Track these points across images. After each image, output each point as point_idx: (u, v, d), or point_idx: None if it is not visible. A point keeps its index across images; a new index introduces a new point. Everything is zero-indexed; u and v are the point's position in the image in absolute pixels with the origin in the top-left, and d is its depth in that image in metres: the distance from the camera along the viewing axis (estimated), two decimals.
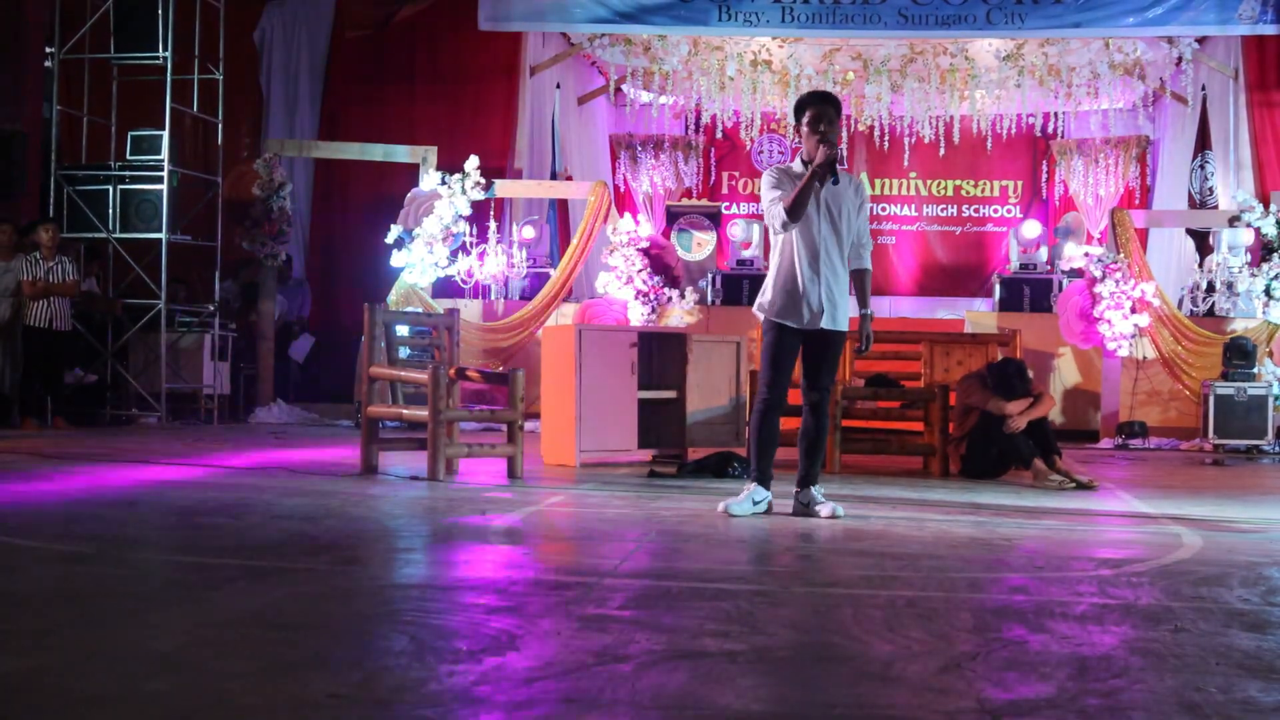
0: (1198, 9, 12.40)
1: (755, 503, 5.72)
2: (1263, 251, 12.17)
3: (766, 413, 5.75)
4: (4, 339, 11.08)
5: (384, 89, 14.65)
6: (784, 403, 5.79)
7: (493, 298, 12.98)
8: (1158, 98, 15.54)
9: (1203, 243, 13.38)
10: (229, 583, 3.83)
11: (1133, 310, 11.82)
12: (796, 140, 16.68)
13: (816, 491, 5.75)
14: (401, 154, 13.31)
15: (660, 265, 12.64)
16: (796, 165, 5.73)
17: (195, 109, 12.55)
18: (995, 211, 17.12)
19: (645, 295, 12.30)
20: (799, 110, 5.71)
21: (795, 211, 5.53)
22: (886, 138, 15.77)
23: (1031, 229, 13.55)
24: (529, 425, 8.57)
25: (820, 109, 5.62)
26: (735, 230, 13.82)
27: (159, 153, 11.83)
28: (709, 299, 12.96)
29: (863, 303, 5.77)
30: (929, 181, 17.16)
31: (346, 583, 3.88)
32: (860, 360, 9.79)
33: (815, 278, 5.61)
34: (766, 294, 5.76)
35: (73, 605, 3.43)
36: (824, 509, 5.64)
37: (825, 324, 5.64)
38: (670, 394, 8.58)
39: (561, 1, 13.07)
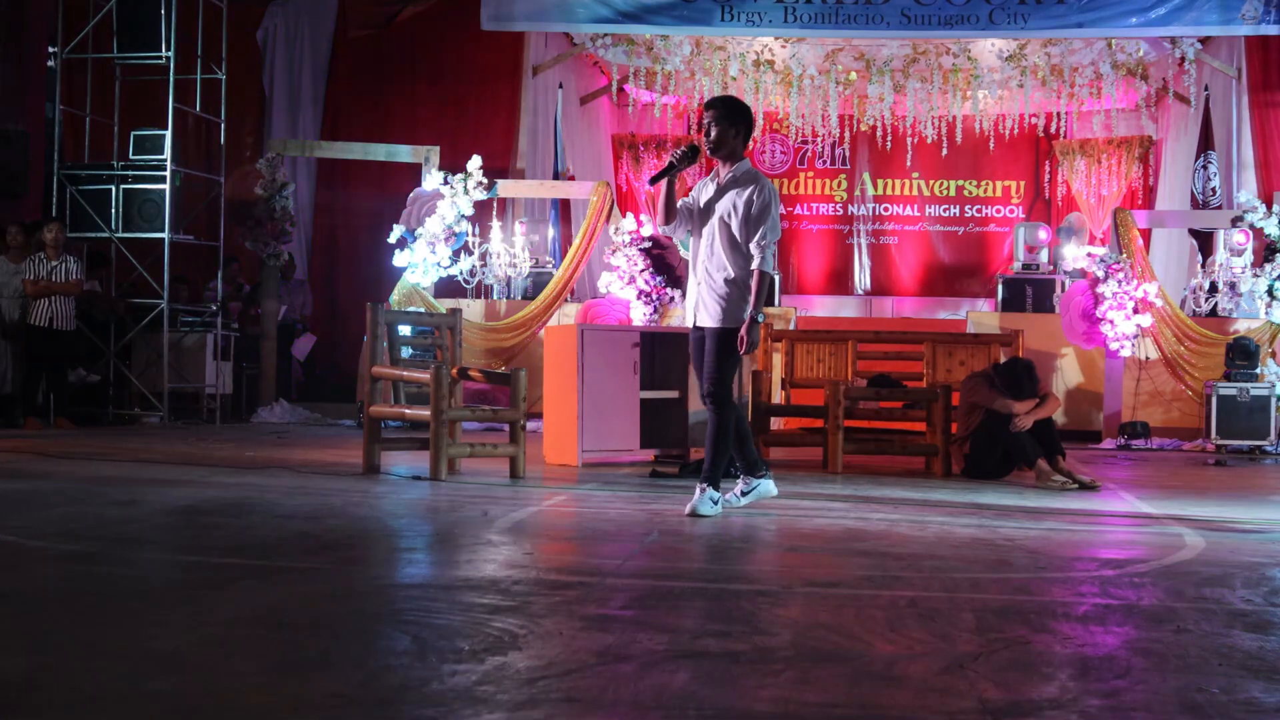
0: (1200, 9, 12.39)
1: (713, 501, 5.76)
2: (1265, 252, 12.15)
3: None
4: (10, 339, 11.10)
5: (386, 89, 14.66)
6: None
7: (495, 297, 12.98)
8: (1160, 98, 15.52)
9: (1205, 243, 13.36)
10: (231, 582, 3.84)
11: (1135, 310, 11.80)
12: (799, 141, 16.55)
13: (700, 489, 5.68)
14: (404, 154, 13.31)
15: (662, 265, 12.63)
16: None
17: (198, 109, 12.56)
18: (998, 212, 17.10)
19: (648, 295, 12.29)
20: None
21: (663, 214, 5.79)
22: (889, 138, 15.76)
23: (1034, 233, 13.53)
24: (531, 425, 8.57)
25: (705, 114, 5.85)
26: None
27: (162, 152, 11.83)
28: None
29: (754, 305, 5.65)
30: (931, 182, 17.14)
31: (349, 582, 3.89)
32: (863, 361, 9.80)
33: (694, 279, 5.88)
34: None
35: (73, 605, 3.44)
36: (691, 504, 5.63)
37: (701, 321, 5.82)
38: (673, 394, 8.57)
39: (564, 1, 13.06)
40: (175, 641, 2.99)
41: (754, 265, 5.66)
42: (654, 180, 5.79)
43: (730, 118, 5.79)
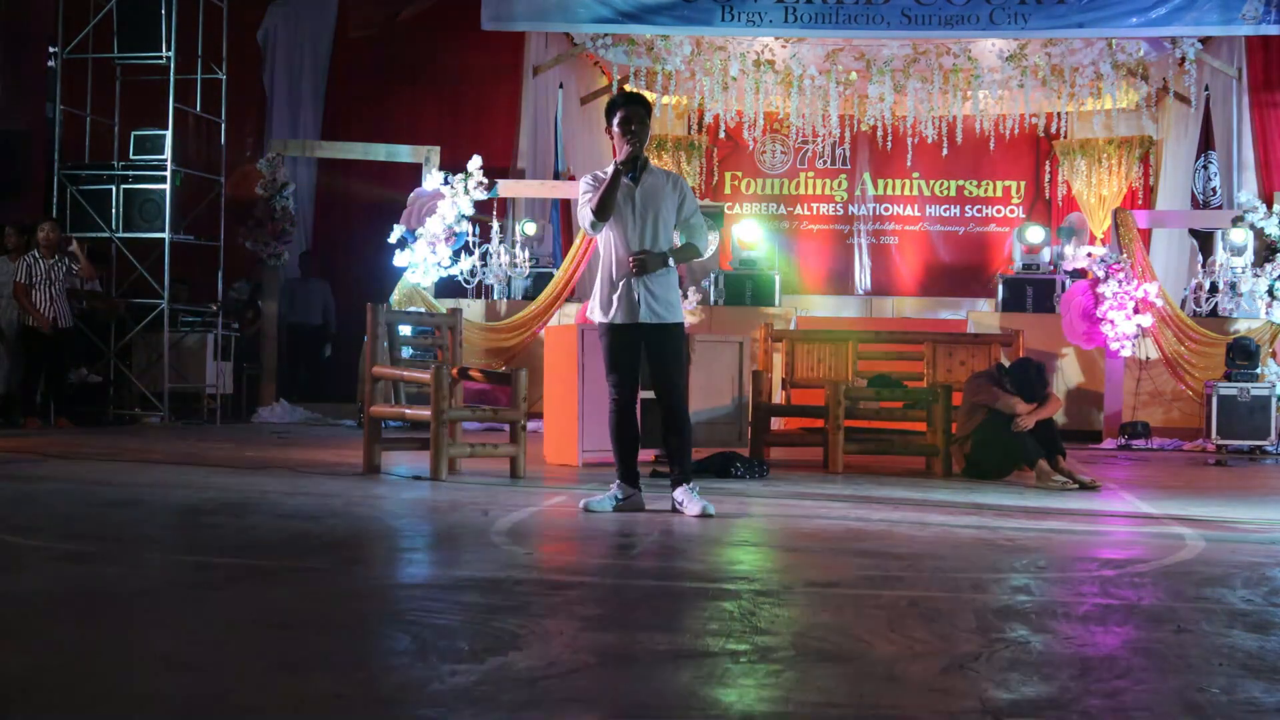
0: (1201, 9, 12.39)
1: (617, 500, 5.73)
2: (1266, 252, 12.15)
3: (616, 413, 5.82)
4: (9, 339, 11.10)
5: (387, 89, 14.66)
6: (633, 401, 5.84)
7: (495, 297, 12.98)
8: (1161, 98, 15.52)
9: (1206, 243, 13.36)
10: (231, 582, 3.84)
11: (1135, 310, 11.80)
12: (799, 141, 16.50)
13: (688, 490, 5.67)
14: (404, 154, 13.31)
15: None
16: (610, 169, 5.74)
17: (198, 108, 12.56)
18: (998, 212, 17.08)
19: None
20: (609, 112, 5.77)
21: (601, 210, 5.63)
22: (889, 138, 15.75)
23: (1035, 233, 13.53)
24: (532, 425, 8.56)
25: (629, 110, 5.68)
26: (739, 230, 13.82)
27: (162, 152, 11.84)
28: (712, 299, 12.97)
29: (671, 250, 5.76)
30: (932, 182, 17.12)
31: (349, 582, 3.89)
32: (864, 361, 9.80)
33: (620, 276, 5.68)
34: (594, 297, 5.87)
35: (73, 605, 3.44)
36: (692, 507, 5.58)
37: (647, 319, 5.68)
38: None
39: (564, 1, 13.07)
40: (175, 642, 2.99)
41: (695, 239, 5.81)
42: (627, 172, 5.60)
43: (650, 116, 5.80)
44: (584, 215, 5.70)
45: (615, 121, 5.69)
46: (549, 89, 14.77)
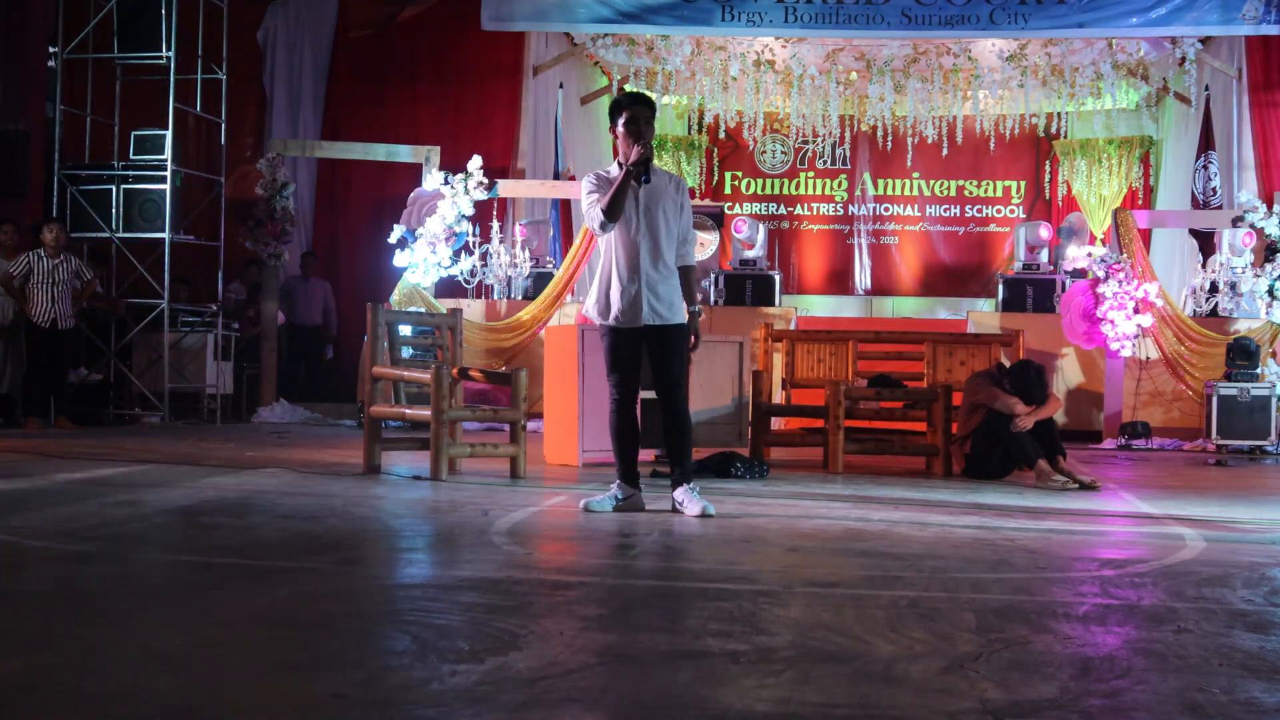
0: (1201, 9, 12.40)
1: (617, 500, 5.75)
2: (1266, 252, 12.15)
3: (617, 413, 5.83)
4: (6, 339, 11.10)
5: (387, 89, 14.66)
6: (633, 400, 5.84)
7: (495, 297, 12.99)
8: (1161, 98, 15.53)
9: (1206, 243, 13.36)
10: (231, 582, 3.84)
11: (1136, 311, 11.80)
12: (800, 141, 16.49)
13: (688, 490, 5.67)
14: (404, 154, 13.31)
15: None
16: (614, 169, 5.74)
17: (198, 108, 12.56)
18: (998, 212, 17.11)
19: None
20: (614, 112, 5.75)
21: (613, 211, 5.60)
22: (889, 138, 15.77)
23: (1043, 231, 13.54)
24: (532, 425, 8.57)
25: (636, 110, 5.67)
26: (739, 230, 13.82)
27: (162, 152, 11.84)
28: (712, 299, 12.98)
29: (689, 299, 5.78)
30: (932, 182, 17.14)
31: (349, 582, 3.89)
32: (864, 361, 9.80)
33: (634, 276, 5.67)
34: (591, 297, 5.86)
35: (74, 605, 3.44)
36: (692, 507, 5.59)
37: (650, 320, 5.68)
38: None
39: (564, 1, 13.08)
40: (175, 641, 2.99)
41: (690, 261, 5.81)
42: (639, 175, 5.58)
43: (655, 115, 5.80)
44: (594, 215, 5.66)
45: (621, 122, 5.68)
46: (549, 89, 14.77)
